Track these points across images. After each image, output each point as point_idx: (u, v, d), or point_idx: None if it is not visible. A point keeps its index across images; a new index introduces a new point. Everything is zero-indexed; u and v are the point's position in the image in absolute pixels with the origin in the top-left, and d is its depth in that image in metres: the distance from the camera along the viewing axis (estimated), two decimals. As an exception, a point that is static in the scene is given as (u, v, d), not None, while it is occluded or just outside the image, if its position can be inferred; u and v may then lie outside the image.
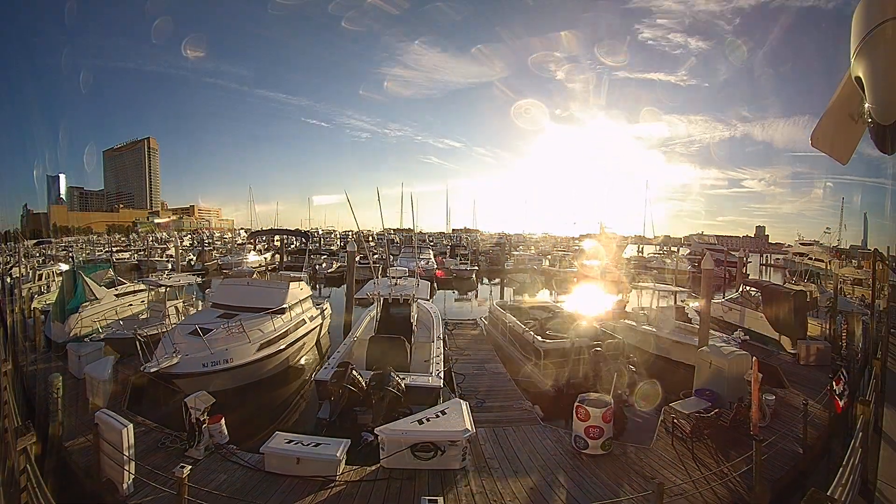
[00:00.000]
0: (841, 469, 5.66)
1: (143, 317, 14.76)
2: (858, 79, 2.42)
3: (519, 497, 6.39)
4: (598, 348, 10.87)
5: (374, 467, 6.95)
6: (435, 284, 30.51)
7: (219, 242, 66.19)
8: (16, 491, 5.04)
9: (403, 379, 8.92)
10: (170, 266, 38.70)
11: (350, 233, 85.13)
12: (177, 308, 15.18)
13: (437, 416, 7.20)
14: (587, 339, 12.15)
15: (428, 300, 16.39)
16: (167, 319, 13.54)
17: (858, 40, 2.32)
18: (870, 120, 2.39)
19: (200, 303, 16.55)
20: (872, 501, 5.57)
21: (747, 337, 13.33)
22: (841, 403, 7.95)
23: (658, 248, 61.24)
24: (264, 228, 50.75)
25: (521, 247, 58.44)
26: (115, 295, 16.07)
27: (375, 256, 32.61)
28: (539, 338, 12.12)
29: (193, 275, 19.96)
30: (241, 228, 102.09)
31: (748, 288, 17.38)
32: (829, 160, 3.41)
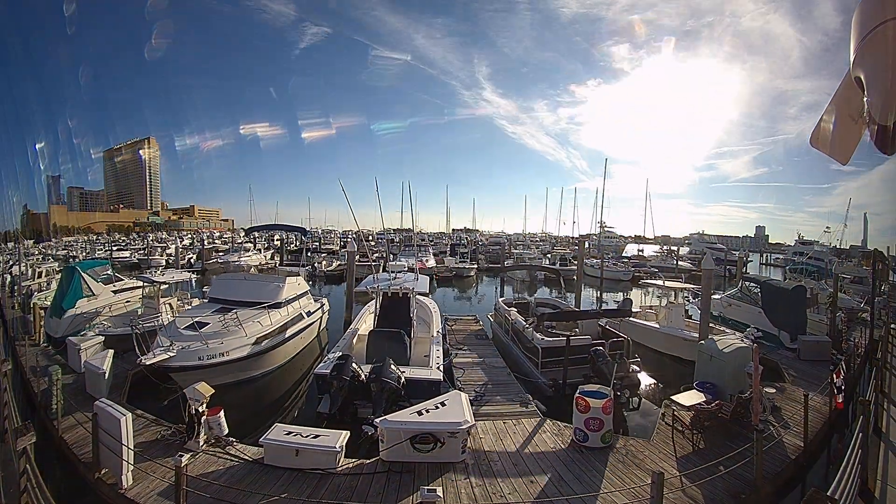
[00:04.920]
0: (841, 469, 5.63)
1: (139, 313, 14.72)
2: (858, 79, 2.42)
3: (518, 490, 6.36)
4: (600, 347, 10.73)
5: (373, 460, 6.92)
6: (435, 282, 30.51)
7: (219, 241, 66.17)
8: (16, 492, 5.02)
9: (403, 372, 8.91)
10: (164, 263, 38.71)
11: (350, 232, 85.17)
12: (171, 305, 15.15)
13: (437, 408, 7.18)
14: (590, 337, 12.12)
15: (427, 295, 16.37)
16: (161, 316, 13.51)
17: (858, 40, 2.30)
18: (870, 120, 2.38)
19: (196, 300, 16.52)
20: (872, 501, 5.55)
21: (760, 334, 13.16)
22: (840, 398, 7.95)
23: (659, 247, 61.29)
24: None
25: (520, 246, 58.47)
26: (113, 291, 16.04)
27: (375, 255, 32.64)
28: (539, 335, 12.08)
29: (190, 272, 19.95)
30: (241, 228, 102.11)
31: (748, 284, 17.38)
32: (828, 160, 3.40)
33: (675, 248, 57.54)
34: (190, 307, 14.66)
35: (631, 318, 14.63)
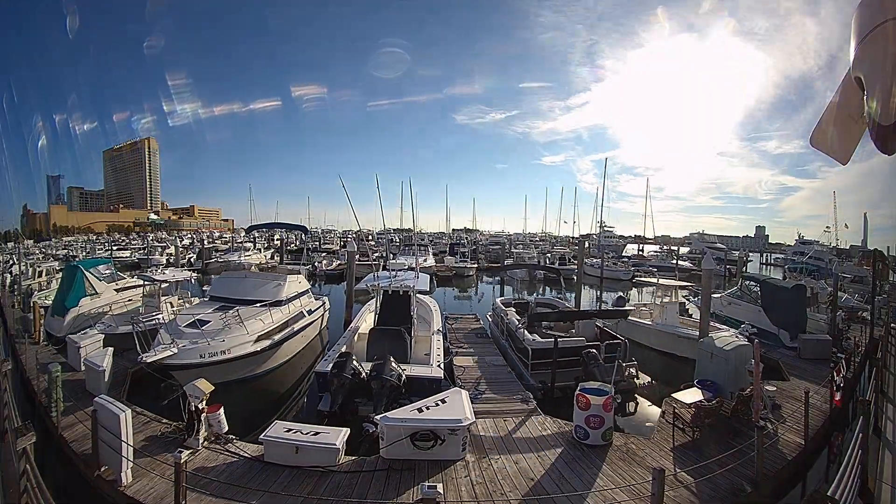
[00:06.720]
0: (841, 469, 5.62)
1: (140, 311, 14.69)
2: (858, 79, 2.42)
3: (519, 487, 6.35)
4: (592, 349, 10.35)
5: (373, 457, 6.92)
6: (434, 281, 30.50)
7: (219, 241, 66.13)
8: (15, 492, 5.00)
9: (404, 370, 8.91)
10: (164, 261, 38.69)
11: (350, 232, 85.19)
12: (171, 303, 15.12)
13: (437, 405, 7.17)
14: (584, 338, 11.98)
15: (428, 293, 16.37)
16: (162, 314, 13.51)
17: (858, 40, 2.31)
18: (870, 120, 2.38)
19: (196, 298, 16.49)
20: (872, 501, 5.53)
21: (755, 330, 13.26)
22: (839, 395, 7.94)
23: (659, 247, 61.32)
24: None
25: (520, 246, 58.50)
26: (115, 290, 16.02)
27: (375, 255, 32.64)
28: (530, 336, 11.78)
29: (191, 270, 19.92)
30: (241, 228, 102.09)
31: (748, 283, 17.38)
32: (829, 160, 3.40)
33: (674, 247, 57.56)
34: (191, 305, 14.63)
35: (630, 318, 14.55)
